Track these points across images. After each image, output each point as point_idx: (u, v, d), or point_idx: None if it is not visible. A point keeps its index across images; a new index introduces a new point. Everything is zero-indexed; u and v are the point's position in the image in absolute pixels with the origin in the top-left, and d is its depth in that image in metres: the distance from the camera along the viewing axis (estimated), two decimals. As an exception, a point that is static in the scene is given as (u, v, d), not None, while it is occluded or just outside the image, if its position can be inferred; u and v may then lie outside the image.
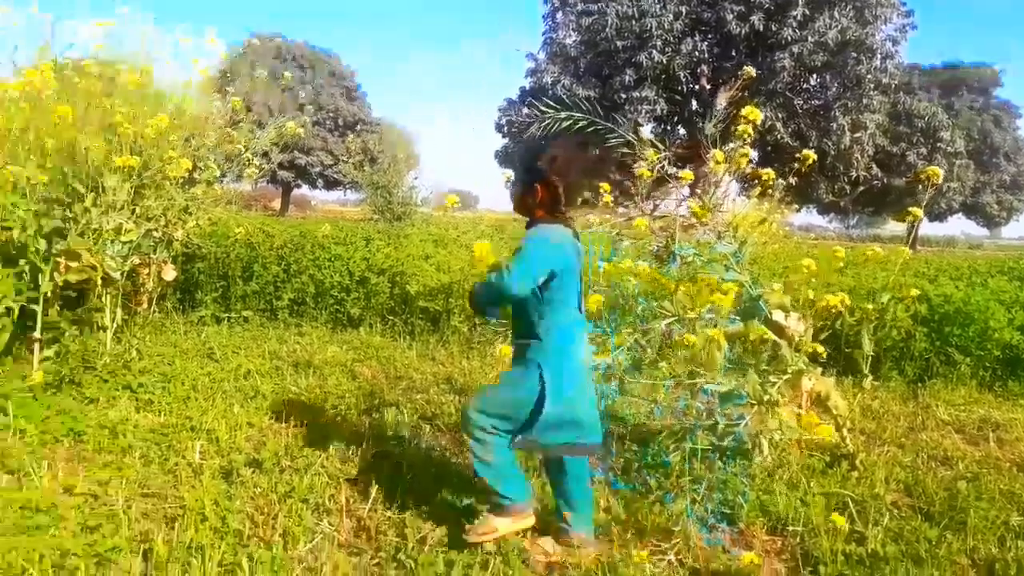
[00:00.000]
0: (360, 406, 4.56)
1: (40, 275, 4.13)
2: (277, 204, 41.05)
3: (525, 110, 21.18)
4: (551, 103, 4.43)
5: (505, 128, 26.67)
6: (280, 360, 5.59)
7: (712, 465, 3.31)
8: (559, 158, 2.82)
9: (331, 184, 41.07)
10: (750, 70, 4.21)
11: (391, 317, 7.24)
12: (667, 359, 3.56)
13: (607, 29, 19.03)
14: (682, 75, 19.75)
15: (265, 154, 5.76)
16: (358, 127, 39.66)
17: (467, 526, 2.74)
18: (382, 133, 38.99)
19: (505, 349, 2.93)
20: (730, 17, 18.57)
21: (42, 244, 4.11)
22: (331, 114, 38.19)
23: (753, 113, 3.33)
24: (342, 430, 4.01)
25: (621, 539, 2.92)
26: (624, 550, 2.79)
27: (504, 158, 27.73)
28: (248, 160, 5.45)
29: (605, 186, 3.37)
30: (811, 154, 3.52)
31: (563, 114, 4.16)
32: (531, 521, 2.80)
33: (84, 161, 4.40)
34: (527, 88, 24.66)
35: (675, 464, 3.39)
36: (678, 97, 21.29)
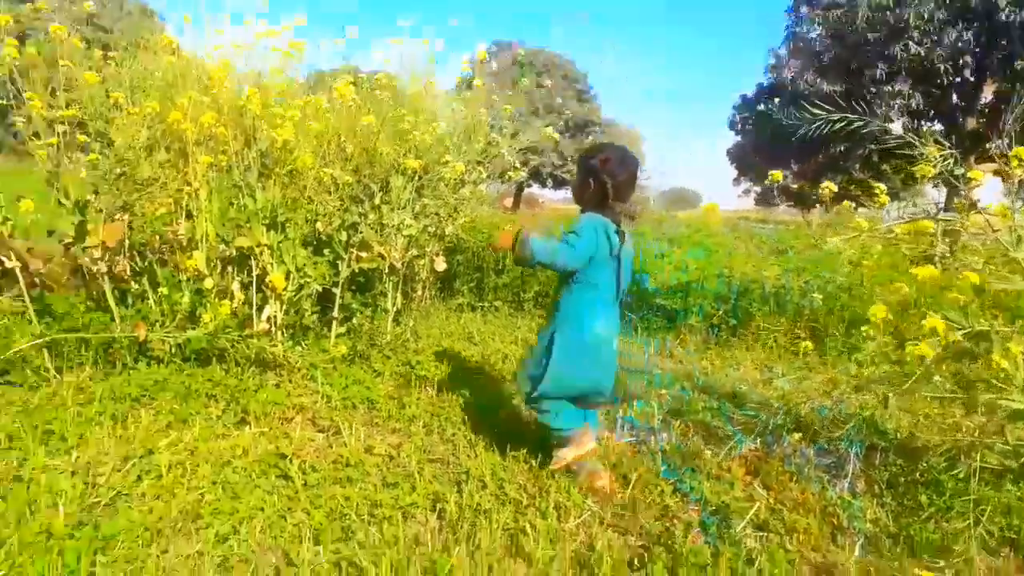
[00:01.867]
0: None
1: (340, 263, 4.71)
2: (509, 202, 42.79)
3: (761, 106, 20.34)
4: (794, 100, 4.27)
5: (739, 125, 25.77)
6: (530, 347, 5.89)
7: (999, 486, 3.07)
8: (611, 159, 3.12)
9: (559, 183, 42.14)
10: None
11: (628, 312, 7.35)
12: (939, 372, 3.35)
13: (857, 21, 17.72)
14: (942, 67, 17.88)
15: (525, 161, 6.12)
16: (588, 128, 40.26)
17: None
18: (611, 134, 39.27)
19: (807, 346, 3.00)
20: (1003, 3, 16.54)
21: (344, 236, 4.69)
22: (563, 116, 39.13)
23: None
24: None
25: (892, 552, 2.81)
26: (897, 563, 2.70)
27: (737, 156, 26.83)
28: (511, 163, 5.81)
29: (880, 186, 3.21)
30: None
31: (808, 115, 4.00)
32: (591, 445, 3.27)
33: (377, 164, 4.94)
34: (765, 84, 23.66)
35: (948, 482, 3.19)
36: (935, 91, 19.33)
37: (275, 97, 4.44)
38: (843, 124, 4.03)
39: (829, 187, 3.28)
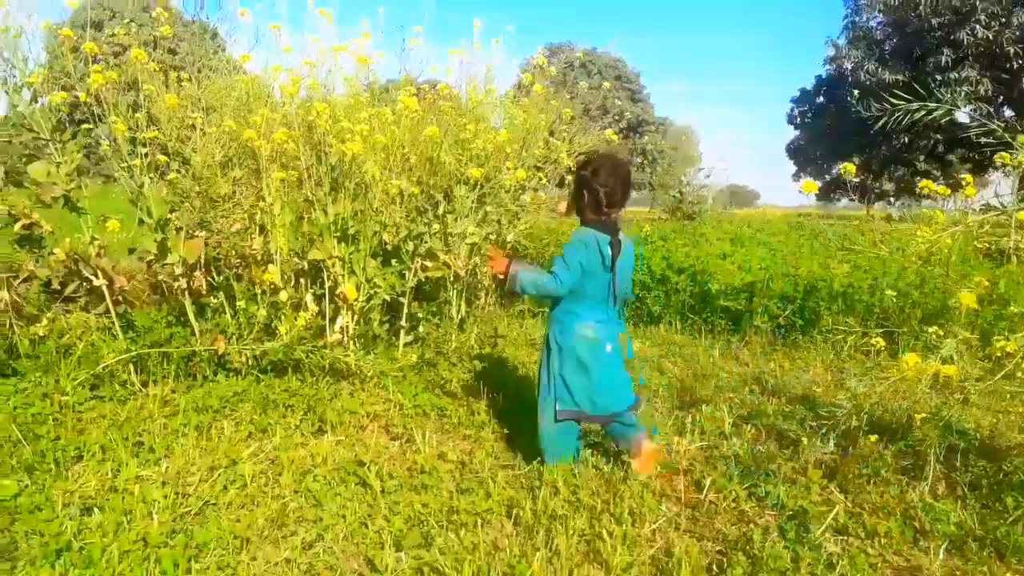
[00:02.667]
0: (674, 400, 4.69)
1: (407, 272, 4.79)
2: (563, 207, 42.74)
3: (821, 99, 19.89)
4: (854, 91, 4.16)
5: (798, 120, 25.27)
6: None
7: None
8: (602, 168, 3.20)
9: (612, 184, 41.92)
10: None
11: (691, 315, 7.27)
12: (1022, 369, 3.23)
13: (920, 7, 17.21)
14: (1012, 50, 17.23)
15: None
16: (641, 128, 39.98)
17: None
18: (665, 132, 38.93)
19: (912, 358, 2.94)
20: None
21: (410, 246, 4.76)
22: (616, 117, 38.98)
23: None
24: (663, 422, 4.16)
25: (979, 556, 2.73)
26: (985, 568, 2.62)
27: (796, 151, 26.31)
28: (569, 167, 5.83)
29: (968, 176, 3.11)
30: None
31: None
32: (648, 449, 3.33)
33: (439, 173, 5.01)
34: (824, 76, 23.15)
35: (1038, 485, 3.08)
36: (1005, 76, 18.64)
37: (342, 111, 4.54)
38: (908, 115, 3.92)
39: (848, 169, 3.20)
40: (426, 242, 4.87)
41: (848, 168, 3.89)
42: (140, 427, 3.62)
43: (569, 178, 6.20)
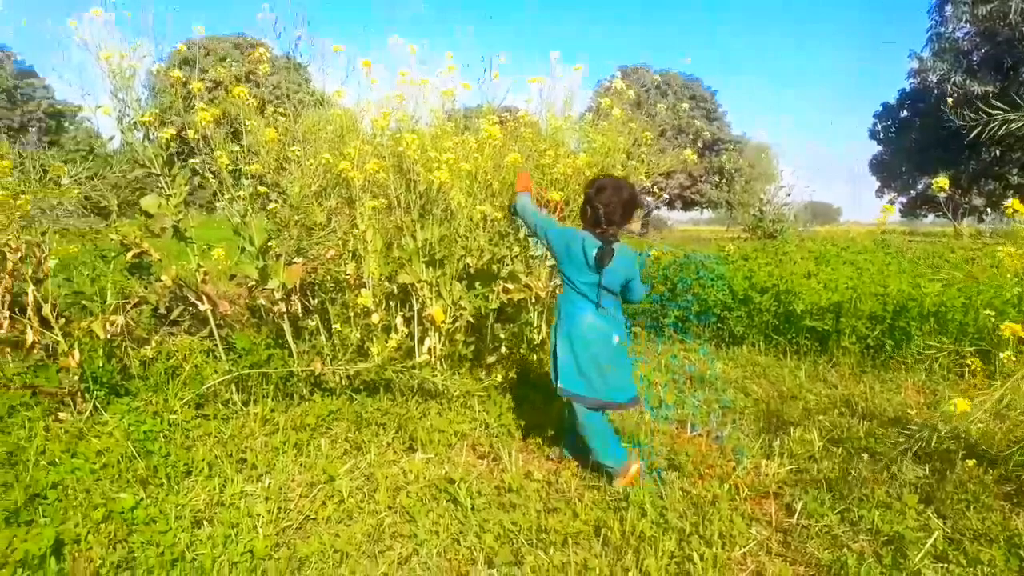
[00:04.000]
0: (760, 423, 4.61)
1: (491, 295, 4.88)
2: (637, 226, 42.53)
3: (905, 113, 19.26)
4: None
5: (881, 134, 24.50)
6: (674, 373, 5.86)
7: None
8: (605, 188, 3.51)
9: (688, 204, 41.46)
10: None
11: (775, 336, 7.13)
12: None
13: (1011, 15, 16.52)
14: (1111, 58, 16.39)
15: (663, 186, 6.13)
16: (717, 146, 39.46)
17: None
18: (742, 150, 38.30)
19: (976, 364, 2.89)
20: None
21: (495, 269, 4.86)
22: (691, 136, 38.63)
23: None
24: (749, 444, 4.11)
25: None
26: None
27: (879, 166, 25.49)
28: (649, 188, 5.84)
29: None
30: None
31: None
32: (635, 469, 3.52)
33: (522, 198, 5.09)
34: (908, 90, 22.43)
35: None
36: (1103, 85, 17.70)
37: (429, 141, 4.68)
38: (1005, 125, 3.80)
39: (940, 184, 3.11)
40: (508, 265, 4.95)
41: (941, 183, 3.79)
42: (243, 444, 3.81)
43: (648, 199, 6.22)
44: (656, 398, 5.00)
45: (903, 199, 31.47)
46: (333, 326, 4.51)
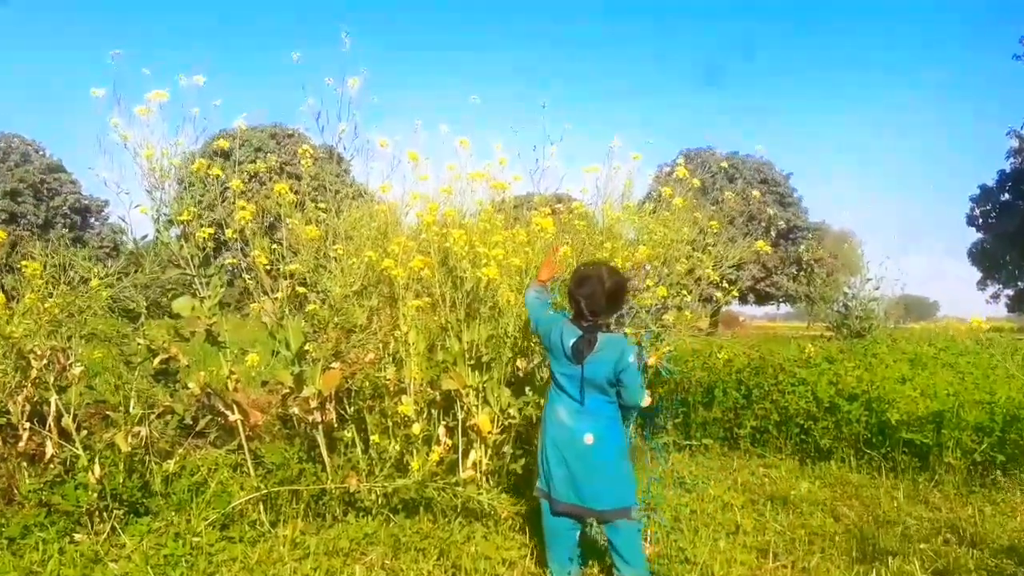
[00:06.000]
0: (852, 552, 4.46)
1: (542, 400, 4.90)
2: (705, 323, 42.21)
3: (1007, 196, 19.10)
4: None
5: (980, 220, 24.28)
6: (752, 493, 5.73)
7: None
8: (586, 280, 3.69)
9: (761, 298, 41.14)
10: None
11: (867, 450, 6.93)
12: None
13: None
14: None
15: (734, 279, 6.16)
16: (793, 234, 39.45)
17: None
18: (822, 238, 38.19)
19: None
20: None
21: (545, 373, 4.90)
22: (764, 225, 38.67)
23: None
24: (843, 577, 3.97)
25: None
26: None
27: (980, 255, 25.13)
28: (717, 282, 5.87)
29: None
30: None
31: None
32: None
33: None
34: (1008, 171, 22.33)
35: None
36: None
37: (477, 235, 4.84)
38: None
39: None
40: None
41: None
42: (271, 571, 3.82)
43: (717, 294, 6.25)
44: (733, 522, 4.88)
45: (1009, 291, 30.76)
46: (371, 437, 4.56)
